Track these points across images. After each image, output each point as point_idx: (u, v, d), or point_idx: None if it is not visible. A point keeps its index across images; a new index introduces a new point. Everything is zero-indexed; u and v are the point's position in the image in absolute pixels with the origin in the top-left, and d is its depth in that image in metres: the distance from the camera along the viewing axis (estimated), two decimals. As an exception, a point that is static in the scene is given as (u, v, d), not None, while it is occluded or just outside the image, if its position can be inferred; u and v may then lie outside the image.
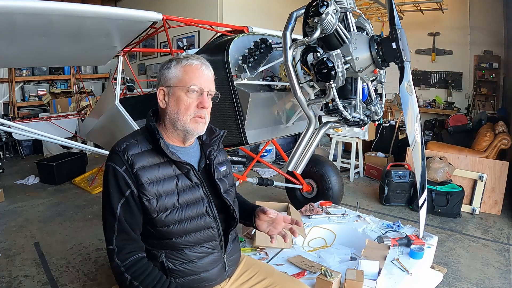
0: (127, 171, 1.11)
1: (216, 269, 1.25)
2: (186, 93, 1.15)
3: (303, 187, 3.31)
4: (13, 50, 2.38)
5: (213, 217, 1.22)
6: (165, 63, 1.21)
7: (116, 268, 1.11)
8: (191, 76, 1.16)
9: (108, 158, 1.16)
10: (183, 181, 1.18)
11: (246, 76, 2.04)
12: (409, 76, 1.78)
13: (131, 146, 1.14)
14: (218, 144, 1.32)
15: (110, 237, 1.12)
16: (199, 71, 1.17)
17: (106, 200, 1.14)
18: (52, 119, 4.89)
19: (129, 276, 1.10)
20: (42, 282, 2.39)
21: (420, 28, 6.32)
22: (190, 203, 1.18)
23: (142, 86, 4.51)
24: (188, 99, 1.16)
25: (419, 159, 1.86)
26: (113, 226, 1.11)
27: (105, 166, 1.15)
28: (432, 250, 2.01)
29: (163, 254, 1.17)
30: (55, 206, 3.85)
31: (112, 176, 1.12)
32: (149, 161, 1.14)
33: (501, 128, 4.10)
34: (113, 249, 1.11)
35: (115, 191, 1.11)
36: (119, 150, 1.13)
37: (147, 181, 1.12)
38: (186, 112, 1.16)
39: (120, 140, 1.19)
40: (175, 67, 1.17)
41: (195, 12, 5.57)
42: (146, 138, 1.18)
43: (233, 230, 1.32)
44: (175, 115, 1.16)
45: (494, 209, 3.61)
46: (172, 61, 1.19)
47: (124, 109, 2.77)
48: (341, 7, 1.77)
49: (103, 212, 1.15)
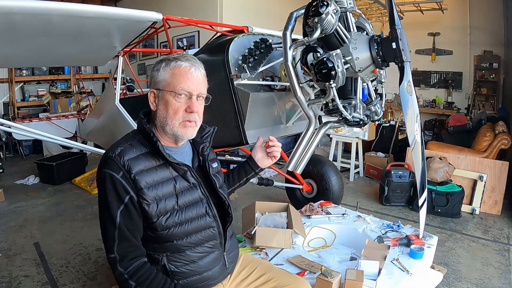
0: (124, 177, 1.08)
1: (218, 267, 1.25)
2: (174, 97, 1.12)
3: (303, 187, 3.31)
4: (13, 50, 2.37)
5: (213, 217, 1.23)
6: (155, 63, 1.18)
7: (119, 276, 1.09)
8: (179, 79, 1.13)
9: (102, 165, 1.11)
10: (180, 183, 1.17)
11: (246, 76, 2.04)
12: (409, 76, 1.78)
13: (125, 151, 1.11)
14: (210, 140, 1.32)
15: (111, 245, 1.09)
16: (188, 73, 1.13)
17: (104, 208, 1.10)
18: (52, 119, 4.89)
19: (133, 283, 1.08)
20: (42, 282, 2.39)
21: (420, 28, 6.32)
22: (189, 204, 1.18)
23: (142, 86, 4.51)
24: (177, 103, 1.13)
25: (419, 159, 1.86)
26: (113, 234, 1.09)
27: (100, 173, 1.11)
28: (432, 250, 2.01)
29: (164, 258, 1.17)
30: (55, 206, 3.85)
31: (110, 183, 1.08)
32: (146, 165, 1.12)
33: (501, 128, 4.10)
34: (115, 257, 1.09)
35: (114, 199, 1.08)
36: (113, 155, 1.09)
37: (146, 185, 1.10)
38: (175, 117, 1.14)
39: (113, 145, 1.15)
40: (164, 69, 1.14)
41: (195, 12, 5.57)
42: (140, 141, 1.15)
43: (229, 226, 1.32)
44: (164, 119, 1.14)
45: (494, 209, 3.61)
46: (162, 62, 1.16)
47: (124, 109, 2.77)
48: (341, 7, 1.77)
49: (102, 220, 1.12)
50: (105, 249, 1.12)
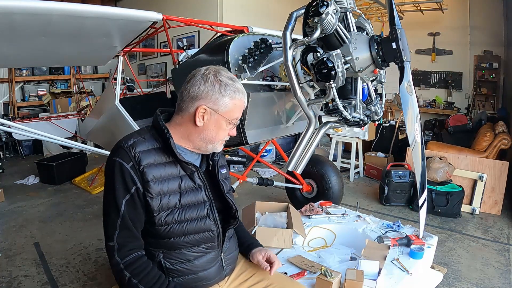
0: (133, 168, 1.10)
1: (214, 268, 1.25)
2: (227, 123, 1.19)
3: (303, 187, 3.31)
4: (13, 50, 2.38)
5: (214, 220, 1.22)
6: (215, 81, 1.14)
7: (115, 265, 1.10)
8: (236, 111, 1.20)
9: (114, 153, 1.13)
10: (186, 182, 1.18)
11: (246, 76, 2.04)
12: (409, 76, 1.78)
13: (138, 143, 1.13)
14: None
15: (112, 233, 1.11)
16: (243, 107, 1.21)
17: (110, 196, 1.12)
18: (52, 119, 4.89)
19: (128, 273, 1.09)
20: (42, 282, 2.39)
21: (420, 28, 6.32)
22: (191, 204, 1.18)
23: (142, 86, 4.51)
24: (227, 128, 1.21)
25: (419, 159, 1.86)
26: (115, 222, 1.10)
27: (110, 161, 1.13)
28: (432, 250, 2.00)
29: (161, 254, 1.18)
30: (55, 206, 3.85)
31: (119, 172, 1.10)
32: (156, 159, 1.14)
33: (501, 128, 4.10)
34: (113, 246, 1.10)
35: (121, 187, 1.10)
36: (126, 146, 1.12)
37: (153, 179, 1.11)
38: (221, 138, 1.22)
39: (126, 136, 1.17)
40: (229, 97, 1.15)
41: (195, 12, 5.57)
42: (153, 136, 1.17)
43: (231, 228, 1.31)
44: (211, 138, 1.19)
45: (494, 209, 3.61)
46: (227, 86, 1.14)
47: (124, 109, 2.77)
48: (341, 7, 1.77)
49: (106, 208, 1.13)
50: (105, 237, 1.13)
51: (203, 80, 1.14)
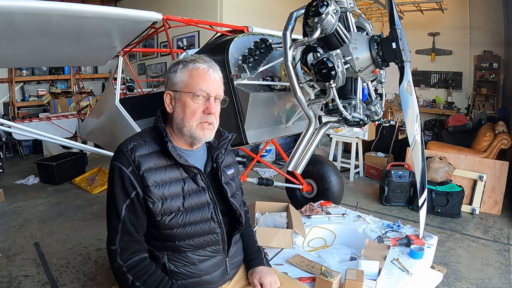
0: (133, 172, 1.09)
1: (218, 272, 1.24)
2: (192, 98, 1.12)
3: (303, 187, 3.31)
4: (13, 50, 2.38)
5: (218, 223, 1.21)
6: (172, 65, 1.18)
7: (118, 269, 1.10)
8: (197, 81, 1.13)
9: (114, 157, 1.13)
10: (189, 185, 1.16)
11: (246, 76, 2.04)
12: (409, 76, 1.78)
13: (138, 147, 1.12)
14: (226, 147, 1.31)
15: (114, 237, 1.10)
16: (206, 75, 1.14)
17: (111, 200, 1.12)
18: (52, 119, 4.89)
19: (131, 276, 1.09)
20: (42, 282, 2.39)
21: (420, 28, 6.32)
22: (195, 207, 1.17)
23: (142, 86, 4.51)
24: (194, 104, 1.13)
25: (419, 159, 1.86)
26: (117, 227, 1.10)
27: (111, 166, 1.13)
28: (432, 250, 2.01)
29: (165, 256, 1.17)
30: (55, 206, 3.84)
31: (118, 177, 1.10)
32: (156, 163, 1.12)
33: (501, 128, 4.10)
34: (115, 249, 1.10)
35: (120, 192, 1.10)
36: (126, 150, 1.11)
37: (153, 183, 1.10)
38: (192, 118, 1.13)
39: (127, 139, 1.16)
40: (181, 71, 1.14)
41: (195, 12, 5.57)
42: (154, 139, 1.16)
43: (237, 233, 1.29)
44: (181, 121, 1.14)
45: (494, 209, 3.61)
46: (179, 64, 1.16)
47: (124, 109, 2.77)
48: (341, 7, 1.77)
49: (108, 212, 1.13)
50: (107, 240, 1.13)
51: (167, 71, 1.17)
